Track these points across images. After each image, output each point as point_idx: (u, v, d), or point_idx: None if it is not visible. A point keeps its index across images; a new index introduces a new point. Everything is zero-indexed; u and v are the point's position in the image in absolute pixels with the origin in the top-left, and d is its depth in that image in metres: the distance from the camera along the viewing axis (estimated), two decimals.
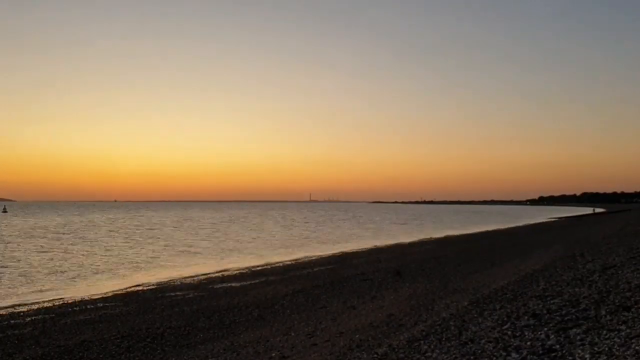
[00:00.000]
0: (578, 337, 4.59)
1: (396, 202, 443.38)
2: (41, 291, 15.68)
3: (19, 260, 23.36)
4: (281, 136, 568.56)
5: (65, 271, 20.11)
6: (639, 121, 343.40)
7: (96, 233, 43.51)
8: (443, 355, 5.12)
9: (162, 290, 15.45)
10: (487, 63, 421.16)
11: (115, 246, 31.31)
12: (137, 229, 49.74)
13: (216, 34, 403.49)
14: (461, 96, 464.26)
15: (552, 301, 6.56)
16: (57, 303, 13.70)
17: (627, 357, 3.84)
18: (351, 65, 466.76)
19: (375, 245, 31.37)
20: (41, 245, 31.10)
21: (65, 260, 23.59)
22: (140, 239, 37.78)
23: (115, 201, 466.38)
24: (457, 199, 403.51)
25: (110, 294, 15.06)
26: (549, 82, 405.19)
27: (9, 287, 16.32)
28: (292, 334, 8.61)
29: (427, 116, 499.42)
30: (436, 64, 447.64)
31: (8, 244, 31.69)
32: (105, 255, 25.97)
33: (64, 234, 42.27)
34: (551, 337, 4.79)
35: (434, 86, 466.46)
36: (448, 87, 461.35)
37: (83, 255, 26.17)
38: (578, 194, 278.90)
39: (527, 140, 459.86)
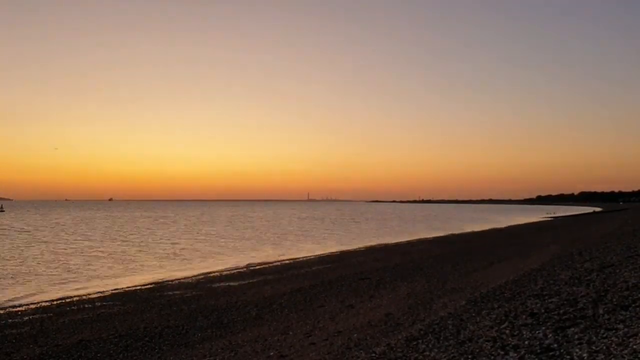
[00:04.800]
0: (576, 336, 4.60)
1: (394, 202, 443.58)
2: (39, 290, 15.65)
3: (16, 259, 23.32)
4: (280, 136, 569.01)
5: (64, 270, 20.07)
6: (636, 121, 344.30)
7: (94, 232, 43.45)
8: (441, 354, 5.12)
9: (160, 289, 15.43)
10: (487, 64, 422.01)
11: (112, 245, 31.27)
12: (135, 228, 49.68)
13: (216, 37, 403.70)
14: (460, 96, 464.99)
15: (550, 300, 6.57)
16: (55, 302, 13.67)
17: (625, 356, 3.84)
18: (349, 66, 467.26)
19: (374, 245, 31.39)
20: (39, 244, 31.05)
21: (63, 259, 23.55)
22: (138, 238, 37.72)
23: (111, 200, 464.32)
24: (455, 198, 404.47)
25: (108, 293, 15.04)
26: (547, 82, 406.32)
27: (7, 287, 16.28)
28: (290, 333, 8.60)
29: (426, 116, 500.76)
30: (436, 65, 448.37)
31: (6, 243, 31.62)
32: (103, 254, 25.92)
33: (62, 233, 42.22)
34: (549, 336, 4.79)
35: (432, 86, 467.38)
36: (446, 87, 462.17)
37: (81, 254, 26.12)
38: (576, 193, 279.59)
39: (525, 140, 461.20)
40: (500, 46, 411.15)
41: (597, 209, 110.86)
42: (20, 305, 13.26)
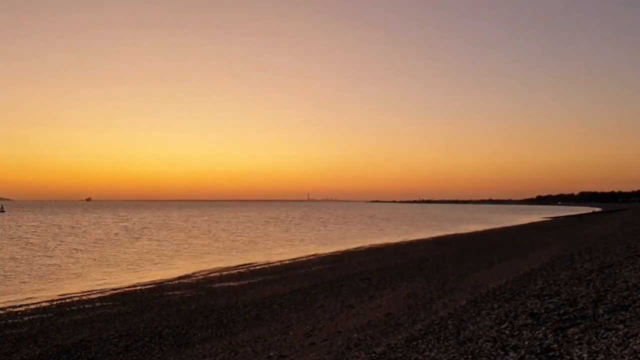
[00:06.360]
0: (576, 337, 4.59)
1: (394, 202, 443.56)
2: (39, 290, 15.64)
3: (17, 260, 23.31)
4: (280, 136, 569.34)
5: (63, 270, 20.06)
6: (636, 121, 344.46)
7: (94, 232, 43.44)
8: (441, 354, 5.12)
9: (160, 290, 15.42)
10: (488, 65, 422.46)
11: (112, 245, 31.26)
12: (132, 229, 49.67)
13: (215, 35, 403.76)
14: (460, 97, 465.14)
15: (550, 300, 6.57)
16: (55, 302, 13.67)
17: (625, 356, 3.84)
18: (350, 67, 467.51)
19: (374, 245, 31.38)
20: (40, 244, 31.05)
21: (63, 259, 23.54)
22: (136, 238, 37.72)
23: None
24: (455, 198, 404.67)
25: (108, 293, 15.03)
26: (547, 83, 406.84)
27: (7, 287, 16.28)
28: (290, 333, 8.60)
29: (426, 117, 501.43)
30: (437, 65, 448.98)
31: (9, 243, 31.62)
32: (103, 254, 25.92)
33: (62, 232, 42.20)
34: (549, 336, 4.79)
35: (433, 87, 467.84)
36: (447, 88, 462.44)
37: (80, 254, 26.12)
38: (576, 193, 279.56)
39: (525, 140, 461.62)
40: (501, 48, 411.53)
41: (597, 209, 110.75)
42: (20, 305, 13.26)
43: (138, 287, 16.10)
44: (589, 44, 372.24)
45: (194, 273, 19.32)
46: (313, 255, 25.72)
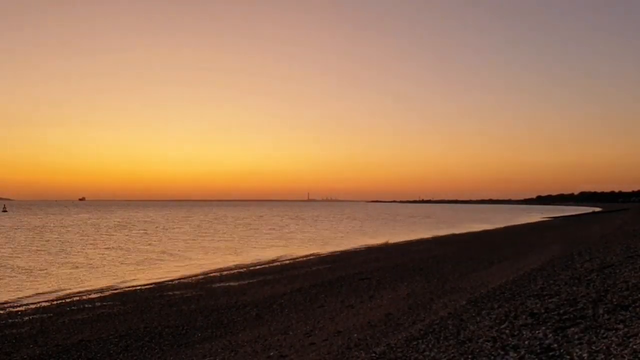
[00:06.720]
0: (576, 336, 4.60)
1: (394, 202, 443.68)
2: (39, 290, 15.64)
3: (17, 260, 23.31)
4: (280, 136, 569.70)
5: (64, 270, 20.06)
6: (636, 121, 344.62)
7: (91, 231, 43.44)
8: (441, 354, 5.12)
9: (160, 289, 15.42)
10: (487, 64, 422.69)
11: (112, 244, 31.26)
12: (133, 228, 49.67)
13: (213, 36, 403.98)
14: (460, 96, 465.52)
15: (550, 300, 6.57)
16: (55, 302, 13.67)
17: (625, 356, 3.84)
18: (349, 66, 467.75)
19: (374, 245, 31.39)
20: (41, 244, 31.04)
21: (64, 259, 23.54)
22: (137, 238, 37.72)
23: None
24: (455, 198, 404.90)
25: (108, 293, 15.03)
26: (547, 82, 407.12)
27: (7, 287, 16.28)
28: (290, 333, 8.60)
29: (426, 116, 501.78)
30: (436, 65, 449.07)
31: (10, 243, 31.62)
32: (104, 254, 25.92)
33: (63, 232, 42.20)
34: (549, 336, 4.79)
35: (432, 86, 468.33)
36: (447, 88, 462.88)
37: (80, 254, 26.12)
38: (576, 193, 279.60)
39: (525, 140, 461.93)
40: (500, 47, 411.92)
41: (597, 209, 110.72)
42: (20, 305, 13.25)
43: (138, 287, 16.09)
44: (589, 44, 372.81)
45: (194, 273, 19.31)
46: (313, 255, 25.72)
